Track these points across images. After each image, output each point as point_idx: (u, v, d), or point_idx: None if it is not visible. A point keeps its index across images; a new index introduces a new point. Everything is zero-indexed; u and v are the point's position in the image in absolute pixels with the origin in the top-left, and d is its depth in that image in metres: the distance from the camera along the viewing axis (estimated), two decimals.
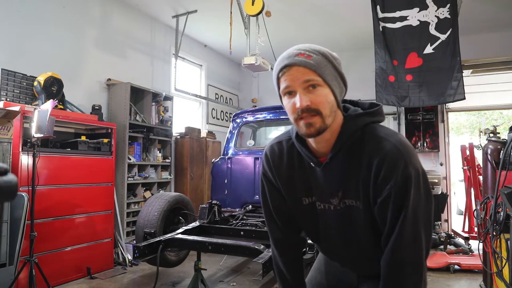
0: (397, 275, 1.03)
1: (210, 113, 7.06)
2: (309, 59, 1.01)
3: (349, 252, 1.20)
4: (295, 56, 1.02)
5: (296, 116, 1.04)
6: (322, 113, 1.02)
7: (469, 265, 3.99)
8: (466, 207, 5.07)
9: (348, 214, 1.12)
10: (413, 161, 1.01)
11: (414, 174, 1.00)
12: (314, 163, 1.13)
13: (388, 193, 1.01)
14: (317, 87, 1.01)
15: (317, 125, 1.02)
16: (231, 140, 4.44)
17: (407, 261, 1.02)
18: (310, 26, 5.76)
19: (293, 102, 1.03)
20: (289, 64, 1.02)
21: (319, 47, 1.06)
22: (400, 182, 0.99)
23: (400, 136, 1.06)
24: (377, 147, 1.03)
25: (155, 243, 2.85)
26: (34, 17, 3.90)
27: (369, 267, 1.19)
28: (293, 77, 1.02)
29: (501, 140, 3.12)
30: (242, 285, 3.62)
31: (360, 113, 1.10)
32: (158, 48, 5.70)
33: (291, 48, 1.06)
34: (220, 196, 4.16)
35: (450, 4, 3.99)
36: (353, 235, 1.15)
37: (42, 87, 3.58)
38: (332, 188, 1.13)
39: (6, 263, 2.82)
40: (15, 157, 3.19)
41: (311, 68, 1.01)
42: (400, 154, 1.00)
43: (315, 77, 1.01)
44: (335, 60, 1.06)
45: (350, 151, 1.08)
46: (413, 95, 4.13)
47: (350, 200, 1.10)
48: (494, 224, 2.62)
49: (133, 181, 4.66)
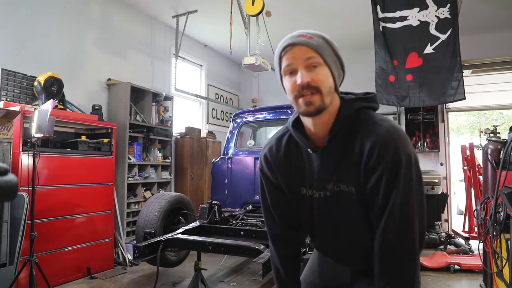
0: (389, 256, 1.04)
1: (210, 113, 7.06)
2: (311, 39, 1.06)
3: (342, 243, 1.21)
4: (298, 37, 1.07)
5: (296, 93, 1.06)
6: (322, 91, 1.05)
7: (469, 265, 3.99)
8: (466, 207, 5.07)
9: (342, 200, 1.13)
10: (405, 146, 1.03)
11: (406, 159, 1.01)
12: (312, 149, 1.15)
13: (378, 177, 1.03)
14: (318, 66, 1.05)
15: (317, 103, 1.05)
16: (231, 140, 4.44)
17: (398, 242, 1.02)
18: (310, 26, 5.68)
19: (294, 80, 1.06)
20: (292, 43, 1.07)
21: (319, 32, 1.11)
22: (390, 165, 1.01)
23: (392, 122, 1.08)
24: (369, 131, 1.06)
25: (155, 243, 2.85)
26: (34, 17, 3.90)
27: (363, 259, 1.19)
28: (295, 55, 1.06)
29: (501, 140, 3.12)
30: (242, 285, 3.62)
31: (355, 98, 1.15)
32: (158, 48, 5.70)
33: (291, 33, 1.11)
34: (220, 196, 4.16)
35: (450, 4, 3.99)
36: (347, 223, 1.16)
37: (42, 87, 3.58)
38: (327, 173, 1.14)
39: (6, 263, 2.82)
40: (15, 157, 3.20)
41: (313, 48, 1.05)
42: (391, 139, 1.02)
43: (316, 56, 1.05)
44: (334, 46, 1.11)
45: (346, 134, 1.10)
46: (413, 95, 4.13)
47: (343, 185, 1.12)
48: (494, 224, 2.62)
49: (133, 181, 4.66)
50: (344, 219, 1.16)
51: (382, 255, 1.05)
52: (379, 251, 1.05)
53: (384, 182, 1.02)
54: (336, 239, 1.22)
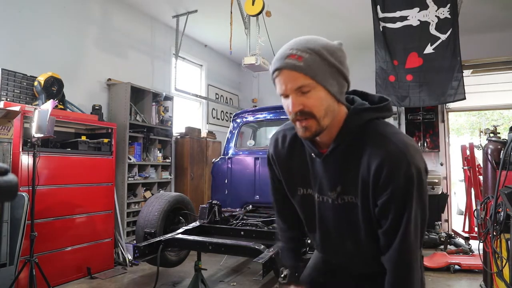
0: (403, 273, 1.03)
1: (210, 113, 7.06)
2: (300, 60, 0.98)
3: (344, 247, 1.20)
4: (286, 58, 1.00)
5: (292, 117, 1.05)
6: (316, 116, 1.01)
7: (469, 265, 3.99)
8: (466, 207, 5.07)
9: (346, 210, 1.12)
10: (416, 160, 1.00)
11: (416, 174, 0.99)
12: (315, 154, 1.14)
13: (389, 195, 1.00)
14: (311, 91, 1.00)
15: (313, 128, 1.03)
16: (231, 140, 4.43)
17: (413, 260, 1.02)
18: (310, 26, 5.76)
19: (287, 105, 1.04)
20: (279, 67, 1.02)
21: (313, 42, 1.01)
22: (402, 183, 0.98)
23: (402, 136, 1.04)
24: (379, 145, 1.02)
25: (155, 243, 2.84)
26: (34, 17, 3.90)
27: (364, 264, 1.19)
28: (285, 81, 1.01)
29: (502, 140, 3.12)
30: (242, 285, 3.62)
31: (366, 107, 1.08)
32: (158, 48, 5.70)
33: (286, 44, 1.05)
34: (220, 196, 4.16)
35: (450, 4, 3.99)
36: (350, 231, 1.15)
37: (42, 87, 3.58)
38: (331, 181, 1.13)
39: (7, 263, 2.82)
40: (15, 157, 3.20)
41: (301, 72, 0.98)
42: (403, 154, 0.99)
43: (305, 81, 0.99)
44: (332, 55, 1.01)
45: (352, 145, 1.07)
46: (413, 95, 4.13)
47: (349, 196, 1.10)
48: (494, 224, 2.62)
49: (133, 181, 4.66)
50: (347, 226, 1.15)
51: (394, 269, 1.05)
52: (391, 266, 1.05)
53: (396, 200, 1.00)
54: (337, 243, 1.22)
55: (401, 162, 0.98)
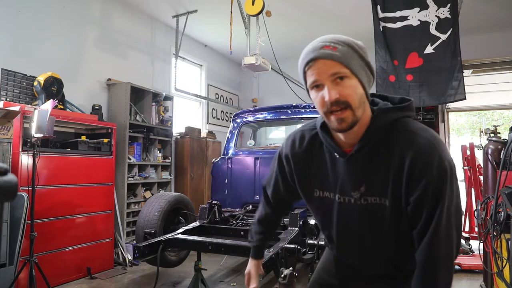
0: (433, 269, 1.02)
1: (210, 113, 7.06)
2: (335, 51, 1.00)
3: (362, 247, 1.18)
4: (320, 49, 1.01)
5: (325, 109, 1.02)
6: (352, 105, 1.00)
7: (469, 265, 3.99)
8: (466, 207, 5.06)
9: (370, 211, 1.10)
10: (447, 155, 1.00)
11: (449, 168, 0.99)
12: (339, 154, 1.12)
13: (424, 188, 0.99)
14: (345, 78, 1.00)
15: (349, 119, 1.01)
16: (231, 140, 4.43)
17: (442, 255, 1.00)
18: (310, 26, 5.76)
19: (322, 96, 1.02)
20: (314, 57, 1.01)
21: (344, 37, 1.05)
22: (436, 176, 0.98)
23: (432, 131, 1.05)
24: (410, 141, 1.02)
25: (155, 243, 2.84)
26: (34, 17, 3.90)
27: (381, 264, 1.17)
28: (320, 70, 1.01)
29: (502, 140, 3.11)
30: (242, 285, 3.62)
31: (391, 107, 1.08)
32: (158, 48, 5.70)
33: (315, 40, 1.05)
34: (220, 196, 4.15)
35: (451, 4, 3.99)
36: (371, 231, 1.13)
37: (42, 87, 3.58)
38: (354, 180, 1.11)
39: (6, 263, 2.82)
40: (15, 157, 3.19)
41: (337, 60, 0.99)
42: (434, 149, 0.99)
43: (342, 69, 0.99)
44: (361, 49, 1.04)
45: (379, 145, 1.06)
46: (413, 95, 4.12)
47: (374, 197, 1.08)
48: (495, 224, 2.62)
49: (133, 181, 4.66)
50: (367, 226, 1.13)
51: (425, 264, 1.02)
52: (423, 261, 1.02)
53: (430, 193, 0.99)
54: (358, 245, 1.20)
55: (434, 156, 0.98)
